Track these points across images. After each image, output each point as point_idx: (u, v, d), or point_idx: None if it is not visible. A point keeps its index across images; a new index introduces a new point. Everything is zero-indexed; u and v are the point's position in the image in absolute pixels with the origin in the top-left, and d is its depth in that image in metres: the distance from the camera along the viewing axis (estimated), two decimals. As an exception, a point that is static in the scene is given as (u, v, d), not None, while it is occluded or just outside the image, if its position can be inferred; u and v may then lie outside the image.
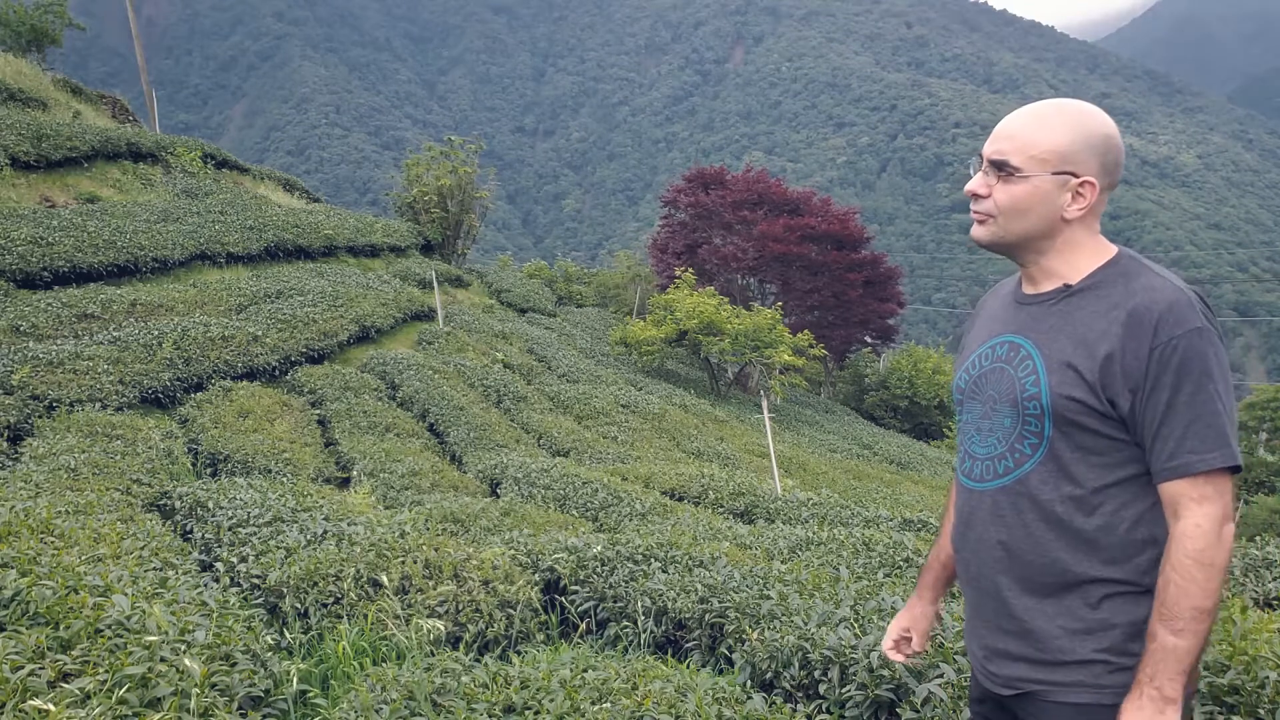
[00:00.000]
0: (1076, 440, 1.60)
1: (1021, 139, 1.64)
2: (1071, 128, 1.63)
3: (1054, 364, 1.61)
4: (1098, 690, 1.58)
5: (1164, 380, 1.52)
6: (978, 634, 1.76)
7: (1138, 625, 1.58)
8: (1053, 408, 1.59)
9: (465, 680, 2.87)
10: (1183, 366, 1.51)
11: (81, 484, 6.19)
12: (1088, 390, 1.57)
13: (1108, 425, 1.58)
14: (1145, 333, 1.53)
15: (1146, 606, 1.58)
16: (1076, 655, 1.59)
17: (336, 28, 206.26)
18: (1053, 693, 1.61)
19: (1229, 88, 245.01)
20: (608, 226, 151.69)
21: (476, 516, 6.70)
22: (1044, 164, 1.62)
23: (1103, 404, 1.56)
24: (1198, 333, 1.52)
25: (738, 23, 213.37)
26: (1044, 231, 1.66)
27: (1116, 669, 1.58)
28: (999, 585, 1.68)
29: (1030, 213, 1.64)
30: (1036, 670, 1.63)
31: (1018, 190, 1.64)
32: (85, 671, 2.59)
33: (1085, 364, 1.57)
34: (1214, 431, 1.51)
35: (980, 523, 1.72)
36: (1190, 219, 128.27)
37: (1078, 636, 1.60)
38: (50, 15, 25.11)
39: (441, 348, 16.81)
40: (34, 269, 13.03)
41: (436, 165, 28.24)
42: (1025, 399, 1.63)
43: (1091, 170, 1.63)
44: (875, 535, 6.22)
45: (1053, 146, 1.62)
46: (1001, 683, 1.69)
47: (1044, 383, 1.61)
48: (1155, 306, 1.53)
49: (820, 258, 30.48)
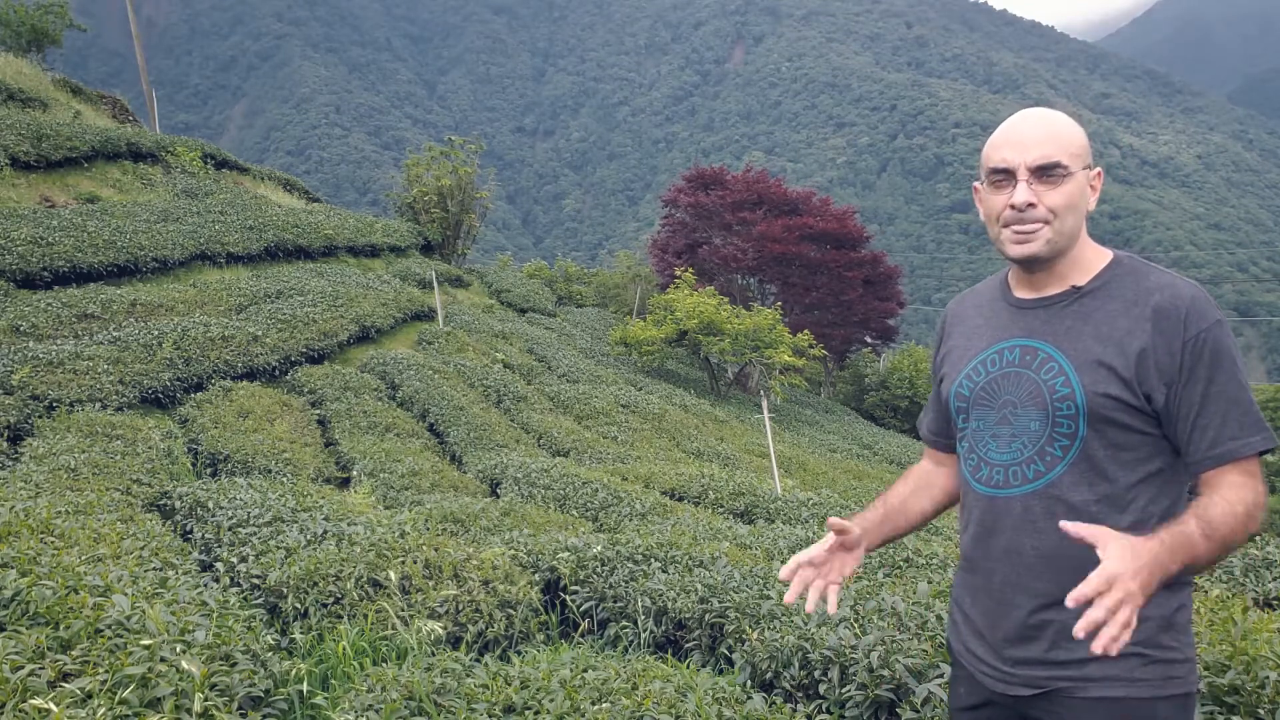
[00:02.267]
0: (1110, 438, 1.62)
1: (1060, 139, 1.66)
2: (1073, 124, 1.69)
3: (1084, 364, 1.62)
4: (1131, 684, 1.58)
5: (1199, 372, 1.57)
6: (993, 641, 1.72)
7: (1166, 617, 1.59)
8: (1089, 406, 1.61)
9: (466, 680, 2.88)
10: (1214, 358, 1.57)
11: (81, 484, 6.19)
12: (1123, 386, 1.59)
13: (1141, 420, 1.61)
14: (1175, 327, 1.58)
15: (1178, 598, 1.61)
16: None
17: (336, 28, 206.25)
18: (1082, 688, 1.60)
19: (1229, 88, 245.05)
20: (608, 226, 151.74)
21: (476, 516, 6.70)
22: (1079, 159, 1.67)
23: (1138, 399, 1.59)
24: (1219, 324, 1.58)
25: (738, 23, 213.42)
26: (1079, 229, 1.70)
27: (1150, 661, 1.58)
28: (1031, 591, 1.66)
29: (1077, 209, 1.67)
30: (1064, 668, 1.62)
31: (1069, 189, 1.66)
32: (85, 671, 2.59)
33: (1118, 360, 1.60)
34: (1251, 417, 1.57)
35: (1008, 530, 1.68)
36: (1190, 219, 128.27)
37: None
38: (50, 15, 25.10)
39: (441, 348, 16.81)
40: (34, 269, 13.03)
41: (436, 165, 28.24)
42: (1057, 400, 1.64)
43: (1092, 162, 1.70)
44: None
45: (1081, 141, 1.68)
46: (1023, 682, 1.66)
47: (1076, 383, 1.62)
48: (1180, 302, 1.59)
49: (819, 257, 30.49)
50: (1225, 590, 4.07)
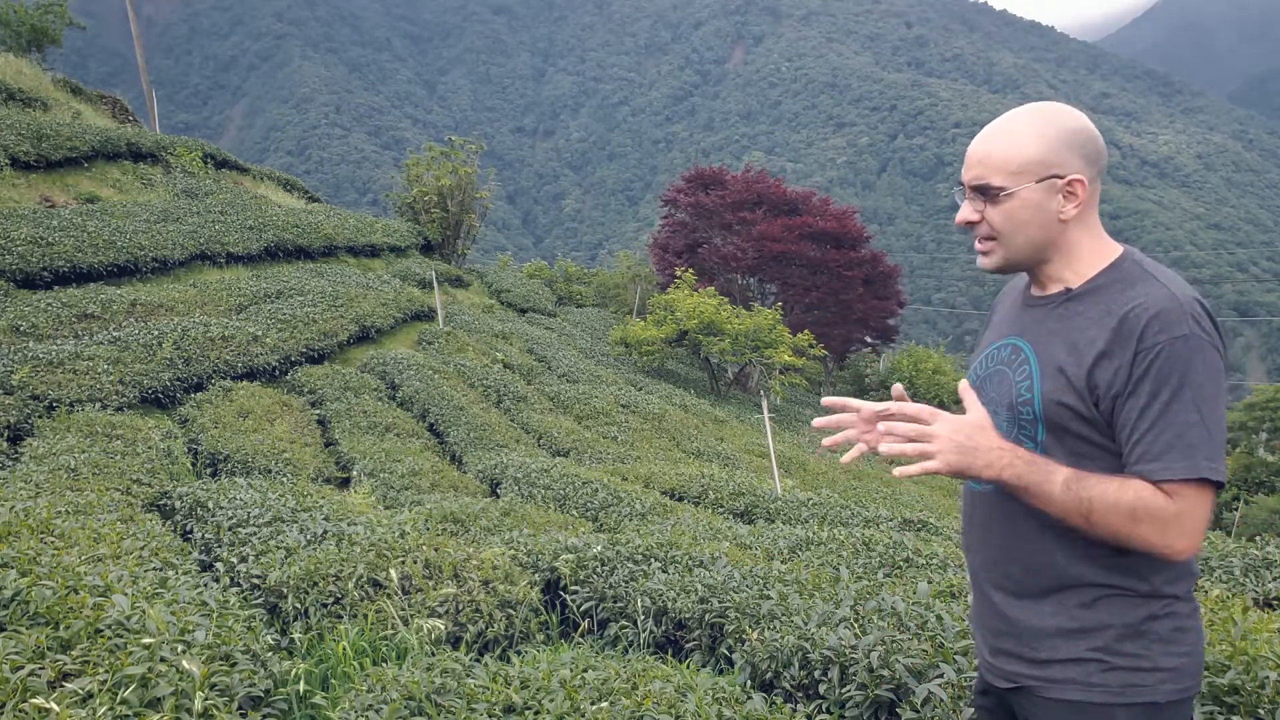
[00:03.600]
0: (1069, 446, 1.60)
1: (996, 158, 1.63)
2: (1041, 132, 1.62)
3: (1048, 369, 1.61)
4: (1088, 688, 1.58)
5: (1143, 385, 1.50)
6: (981, 629, 1.78)
7: (1132, 625, 1.57)
8: (1044, 413, 1.60)
9: (466, 680, 2.87)
10: (1163, 372, 1.49)
11: (81, 484, 6.19)
12: (1076, 396, 1.57)
13: (1096, 431, 1.58)
14: (1131, 338, 1.52)
15: (1143, 610, 1.58)
16: (1069, 654, 1.59)
17: (336, 28, 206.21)
18: (1045, 689, 1.62)
19: (1229, 88, 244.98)
20: (608, 226, 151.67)
21: (476, 516, 6.70)
22: (1025, 175, 1.61)
23: (1089, 410, 1.56)
24: (1184, 340, 1.49)
25: (738, 23, 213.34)
26: (1047, 240, 1.65)
27: (1109, 668, 1.57)
28: (995, 585, 1.70)
29: (1029, 225, 1.63)
30: (1030, 667, 1.64)
31: (1009, 208, 1.63)
32: (85, 671, 2.59)
33: (1074, 370, 1.57)
34: (1184, 441, 1.48)
35: (979, 524, 1.74)
36: (1190, 219, 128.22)
37: (1072, 636, 1.60)
38: (50, 15, 25.10)
39: (441, 348, 16.80)
40: (34, 269, 13.03)
41: (436, 165, 28.25)
42: (1020, 403, 1.64)
43: (1075, 167, 1.61)
44: (875, 535, 6.22)
45: (1029, 156, 1.61)
46: (1001, 676, 1.71)
47: (1037, 388, 1.61)
48: (1145, 313, 1.52)
49: (819, 256, 30.48)
50: (1225, 590, 4.07)
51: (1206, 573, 4.71)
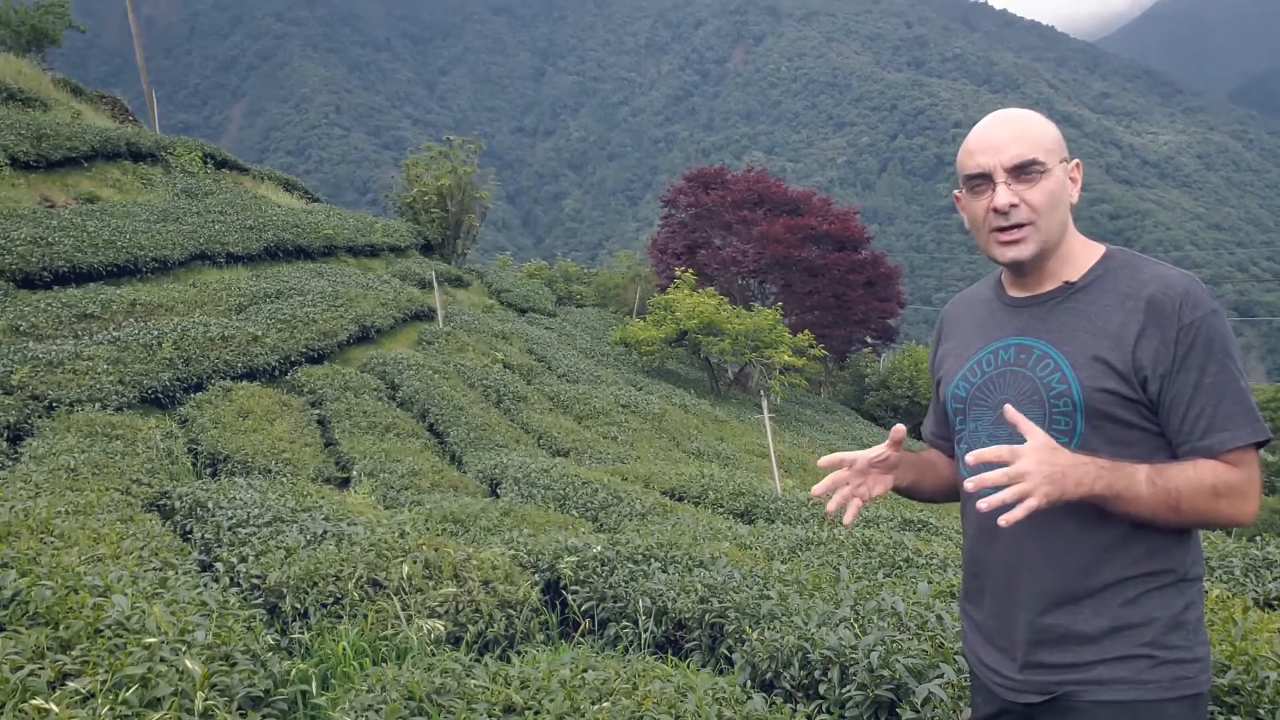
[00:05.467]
0: (1108, 434, 1.60)
1: (1031, 136, 1.65)
2: (1043, 120, 1.69)
3: (1080, 359, 1.61)
4: (1140, 686, 1.56)
5: (1191, 361, 1.55)
6: (1002, 647, 1.70)
7: (1175, 616, 1.57)
8: (1085, 402, 1.59)
9: (466, 680, 2.87)
10: (1208, 347, 1.54)
11: (81, 484, 6.19)
12: (1120, 380, 1.58)
13: (1139, 414, 1.59)
14: (1169, 318, 1.55)
15: (1186, 597, 1.59)
16: (1118, 652, 1.57)
17: (336, 28, 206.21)
18: (1091, 692, 1.58)
19: (1229, 88, 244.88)
20: (608, 226, 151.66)
21: (476, 516, 6.70)
22: (1054, 153, 1.65)
23: (1136, 392, 1.58)
24: (1215, 313, 1.55)
25: (738, 22, 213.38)
26: (1065, 225, 1.68)
27: (1159, 663, 1.56)
28: (1034, 593, 1.64)
29: (1060, 205, 1.66)
30: (1073, 672, 1.60)
31: (1049, 185, 1.64)
32: (85, 671, 2.59)
33: (1114, 355, 1.58)
34: (1242, 408, 1.55)
35: (1010, 532, 1.63)
36: (1190, 219, 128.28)
37: (1119, 634, 1.58)
38: (50, 15, 25.10)
39: (441, 348, 16.80)
40: (34, 269, 13.03)
41: (436, 165, 28.24)
42: (1053, 397, 1.62)
43: (1067, 155, 1.68)
44: (875, 535, 6.22)
45: (1053, 135, 1.66)
46: (1034, 690, 1.65)
47: (1072, 379, 1.61)
48: (1173, 292, 1.56)
49: (820, 258, 30.47)
50: (1225, 590, 4.07)
51: (1207, 573, 4.70)
